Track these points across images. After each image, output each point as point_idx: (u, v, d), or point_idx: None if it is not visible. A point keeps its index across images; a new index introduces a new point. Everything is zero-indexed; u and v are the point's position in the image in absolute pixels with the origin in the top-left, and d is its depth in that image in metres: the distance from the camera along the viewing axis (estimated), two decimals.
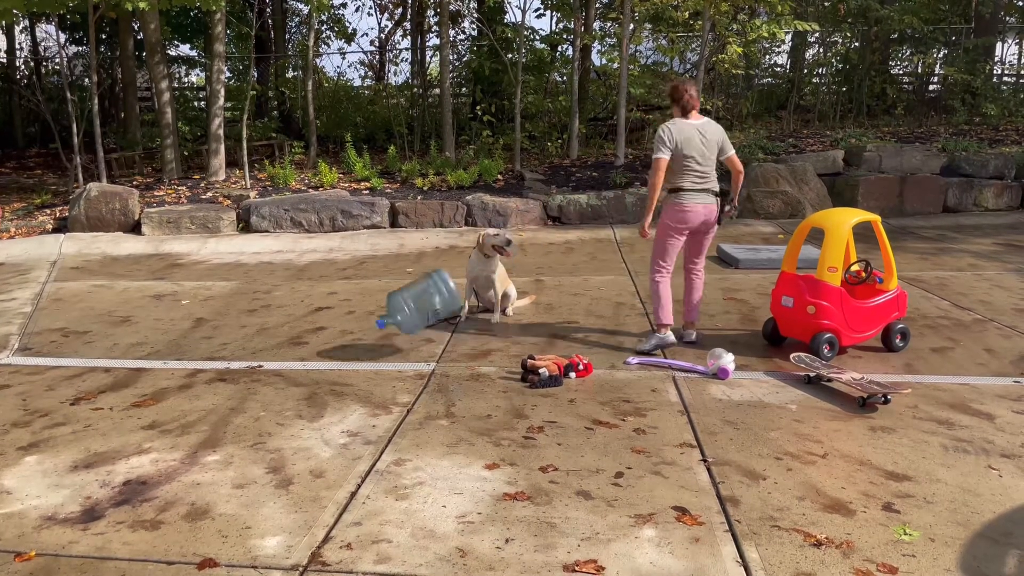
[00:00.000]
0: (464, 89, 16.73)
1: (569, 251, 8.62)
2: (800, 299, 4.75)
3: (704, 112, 5.07)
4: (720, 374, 4.34)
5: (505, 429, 3.72)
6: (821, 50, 16.55)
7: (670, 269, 5.05)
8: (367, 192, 11.00)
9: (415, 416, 3.92)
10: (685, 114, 4.88)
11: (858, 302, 4.80)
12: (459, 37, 17.00)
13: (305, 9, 17.06)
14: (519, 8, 25.87)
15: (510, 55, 13.62)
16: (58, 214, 10.58)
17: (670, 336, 5.00)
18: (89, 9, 10.69)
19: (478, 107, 14.24)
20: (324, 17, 17.28)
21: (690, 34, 13.99)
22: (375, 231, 10.03)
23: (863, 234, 5.68)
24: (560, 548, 2.67)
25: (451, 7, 14.08)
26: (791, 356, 4.53)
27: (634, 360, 4.58)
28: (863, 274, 5.02)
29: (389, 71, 18.54)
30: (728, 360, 4.36)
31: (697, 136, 4.83)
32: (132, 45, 13.97)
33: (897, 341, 4.90)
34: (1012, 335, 5.16)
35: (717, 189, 4.93)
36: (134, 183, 11.76)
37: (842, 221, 4.82)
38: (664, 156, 4.78)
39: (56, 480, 3.27)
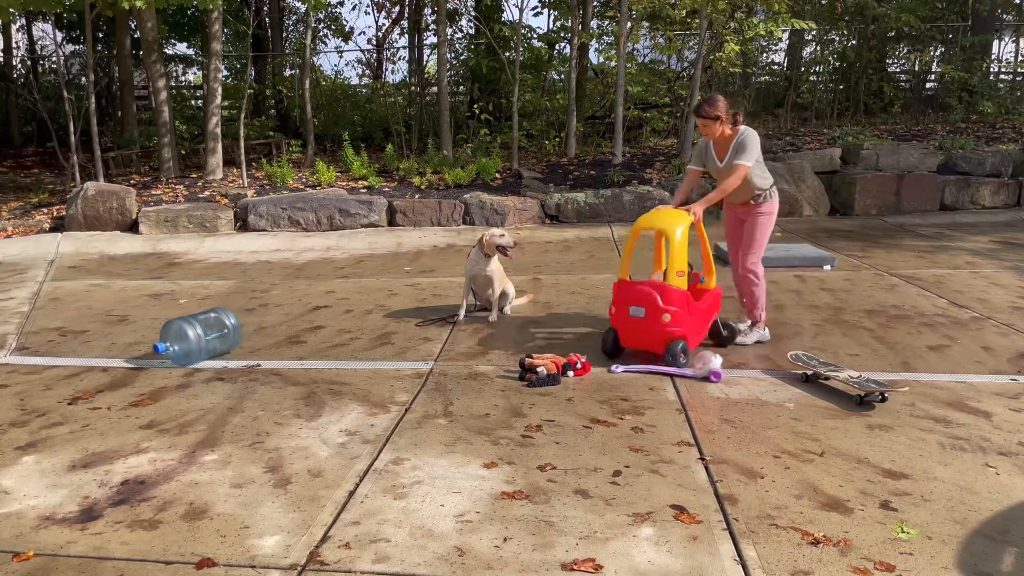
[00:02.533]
0: (462, 87, 16.74)
1: (567, 249, 8.62)
2: (653, 307, 4.51)
3: None
4: (712, 377, 4.33)
5: (503, 428, 3.73)
6: (818, 48, 16.56)
7: None
8: (365, 191, 11.00)
9: (413, 415, 3.92)
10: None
11: (697, 305, 4.74)
12: (456, 35, 17.02)
13: (302, 7, 17.03)
14: (516, 6, 25.88)
15: (508, 53, 13.62)
16: (55, 213, 10.56)
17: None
18: (86, 8, 10.68)
19: (476, 105, 14.24)
20: (321, 15, 17.28)
21: (687, 32, 13.99)
22: (373, 230, 10.02)
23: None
24: (558, 547, 2.67)
25: (448, 5, 14.07)
26: (789, 354, 4.54)
27: (619, 368, 4.52)
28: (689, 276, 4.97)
29: (386, 69, 18.59)
30: (718, 363, 4.35)
31: None
32: (129, 44, 13.95)
33: (725, 333, 5.00)
34: (1009, 333, 5.17)
35: None
36: (131, 182, 11.75)
37: (678, 224, 4.65)
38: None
39: (54, 480, 3.27)
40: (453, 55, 16.43)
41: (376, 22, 30.52)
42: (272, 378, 4.55)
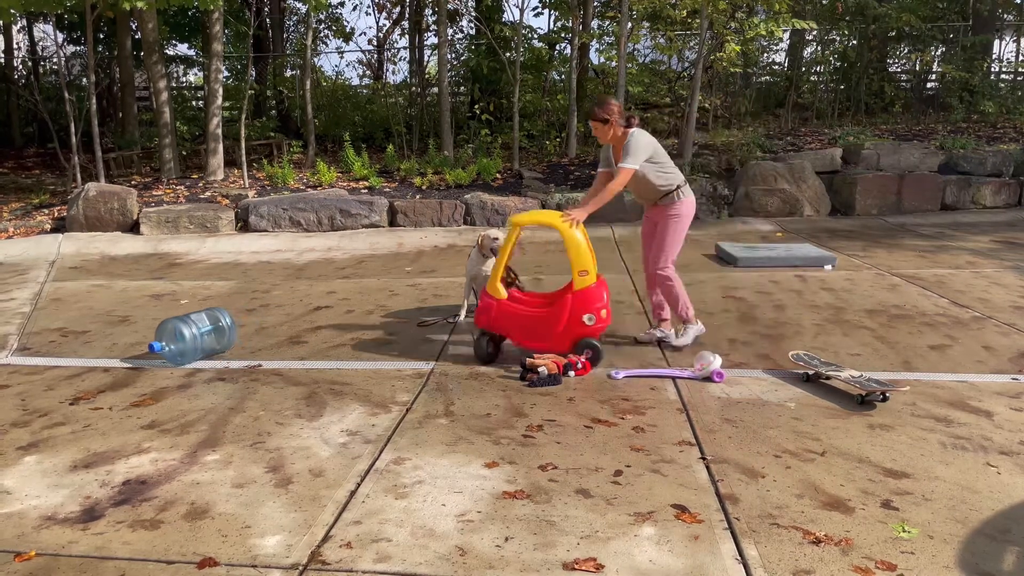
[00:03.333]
0: (462, 88, 16.74)
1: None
2: (569, 309, 4.51)
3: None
4: (715, 377, 4.32)
5: (504, 428, 3.73)
6: (819, 48, 16.56)
7: None
8: (365, 191, 11.00)
9: (414, 415, 3.92)
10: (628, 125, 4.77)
11: (520, 307, 4.72)
12: (457, 36, 17.02)
13: (303, 8, 17.04)
14: (517, 7, 25.87)
15: (508, 54, 13.62)
16: (56, 214, 10.57)
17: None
18: (87, 8, 10.68)
19: (476, 106, 14.24)
20: (322, 16, 17.28)
21: (688, 32, 13.99)
22: (374, 230, 10.03)
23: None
24: (560, 546, 2.67)
25: (449, 6, 14.08)
26: (790, 354, 4.54)
27: (620, 374, 4.49)
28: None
29: (387, 70, 18.59)
30: (718, 363, 4.35)
31: None
32: (130, 45, 13.96)
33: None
34: (1010, 332, 5.17)
35: None
36: (132, 183, 11.76)
37: (551, 220, 4.61)
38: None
39: (56, 480, 3.27)
40: (454, 55, 16.44)
41: (377, 23, 30.54)
42: (273, 378, 4.55)
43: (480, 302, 4.75)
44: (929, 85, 16.54)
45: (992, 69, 16.19)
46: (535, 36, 16.08)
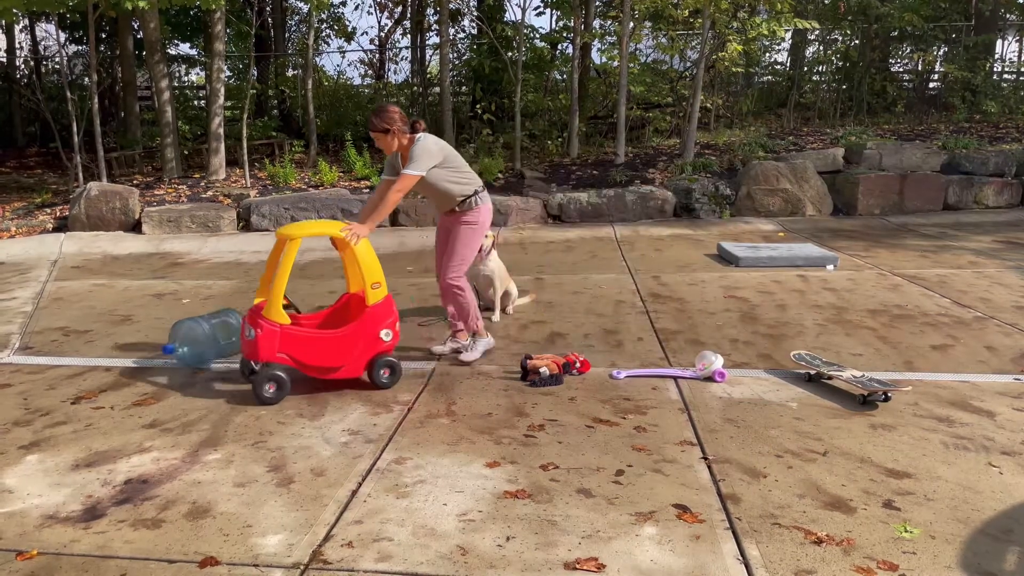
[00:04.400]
0: (464, 88, 16.73)
1: (569, 249, 8.62)
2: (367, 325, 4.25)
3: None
4: (717, 377, 4.32)
5: (506, 427, 3.73)
6: (821, 48, 16.54)
7: None
8: (367, 191, 11.00)
9: (416, 414, 3.92)
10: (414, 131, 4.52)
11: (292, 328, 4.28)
12: (459, 35, 17.01)
13: (305, 8, 17.05)
14: (519, 6, 25.88)
15: (510, 53, 13.62)
16: (58, 213, 10.58)
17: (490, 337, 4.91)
18: (89, 8, 10.69)
19: (478, 105, 14.24)
20: (324, 16, 17.29)
21: (690, 32, 13.98)
22: (375, 230, 10.03)
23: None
24: (561, 546, 2.67)
25: (451, 5, 14.08)
26: (792, 354, 4.53)
27: (621, 374, 4.49)
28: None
29: (389, 70, 18.56)
30: (719, 363, 4.34)
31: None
32: (132, 44, 13.97)
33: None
34: (1012, 332, 5.16)
35: None
36: (134, 182, 11.77)
37: (340, 232, 4.27)
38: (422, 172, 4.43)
39: (57, 479, 3.27)
40: (455, 55, 16.43)
41: (378, 22, 30.54)
42: None
43: (258, 331, 4.08)
44: (931, 85, 16.51)
45: (994, 69, 16.16)
46: (537, 36, 16.08)
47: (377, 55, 18.69)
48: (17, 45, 18.37)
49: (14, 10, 10.37)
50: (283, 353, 4.12)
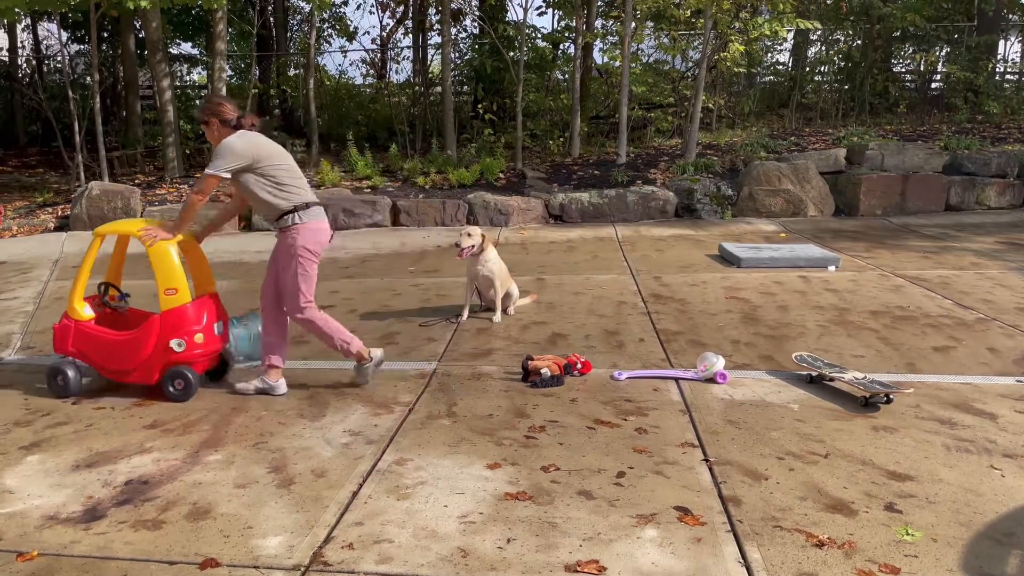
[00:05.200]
0: (466, 87, 16.73)
1: (571, 249, 8.61)
2: (158, 333, 4.09)
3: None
4: (719, 378, 4.31)
5: (507, 428, 3.72)
6: (823, 48, 16.53)
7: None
8: (369, 191, 11.00)
9: (417, 415, 3.92)
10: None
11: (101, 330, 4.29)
12: (461, 35, 17.00)
13: (306, 7, 17.04)
14: (521, 6, 25.86)
15: (512, 53, 13.61)
16: (60, 213, 10.59)
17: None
18: (91, 7, 10.70)
19: (480, 105, 14.24)
20: (325, 15, 17.28)
21: (692, 32, 13.96)
22: (377, 230, 10.03)
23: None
24: (562, 548, 2.67)
25: (453, 5, 14.07)
26: (793, 356, 4.53)
27: (623, 375, 4.48)
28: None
29: (391, 69, 18.55)
30: (721, 364, 4.34)
31: (277, 144, 4.19)
32: (134, 43, 13.98)
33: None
34: (1015, 334, 5.15)
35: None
36: (136, 182, 11.77)
37: (138, 232, 4.17)
38: (225, 174, 3.97)
39: (58, 479, 3.27)
40: (457, 55, 16.43)
41: (380, 22, 30.52)
42: None
43: (57, 325, 4.19)
44: (933, 85, 16.48)
45: (997, 69, 16.13)
46: (539, 36, 16.09)
47: (379, 55, 18.68)
48: (19, 44, 18.39)
49: (16, 9, 10.37)
50: (74, 348, 4.17)
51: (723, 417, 3.83)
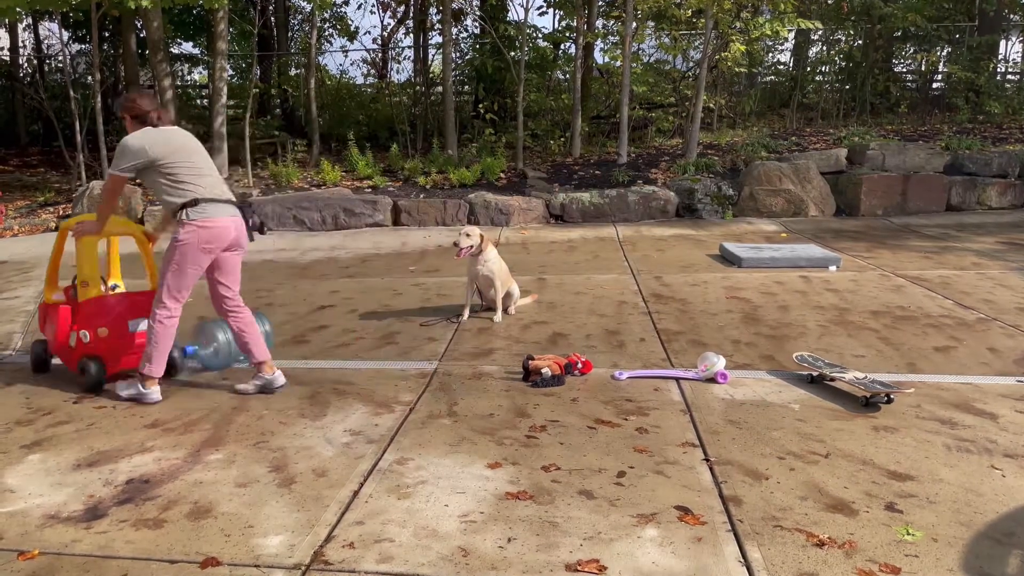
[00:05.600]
0: (467, 87, 16.73)
1: (572, 249, 8.61)
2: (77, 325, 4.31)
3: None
4: (719, 378, 4.31)
5: (507, 428, 3.72)
6: (824, 48, 16.53)
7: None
8: (369, 190, 11.01)
9: (417, 415, 3.92)
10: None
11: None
12: (462, 35, 17.01)
13: (307, 7, 17.04)
14: (522, 6, 25.86)
15: (513, 53, 13.61)
16: (61, 212, 10.60)
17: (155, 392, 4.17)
18: (92, 7, 10.70)
19: (481, 105, 14.25)
20: (326, 15, 17.28)
21: (693, 32, 13.97)
22: (377, 229, 10.03)
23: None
24: (562, 547, 2.67)
25: (454, 5, 14.07)
26: (794, 355, 4.53)
27: (623, 375, 4.49)
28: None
29: (391, 69, 18.56)
30: (722, 364, 4.33)
31: (189, 140, 4.14)
32: (135, 43, 13.98)
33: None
34: (1016, 334, 5.15)
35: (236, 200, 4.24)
36: (136, 181, 11.77)
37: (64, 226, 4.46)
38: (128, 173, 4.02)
39: (59, 478, 3.27)
40: (458, 55, 16.43)
41: (381, 21, 30.52)
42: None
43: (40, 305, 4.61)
44: (935, 85, 16.48)
45: (998, 70, 16.13)
46: (540, 35, 16.09)
47: (380, 54, 18.69)
48: (20, 44, 18.40)
49: (17, 9, 10.38)
50: (41, 328, 4.66)
51: (724, 417, 3.83)
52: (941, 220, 9.92)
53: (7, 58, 18.28)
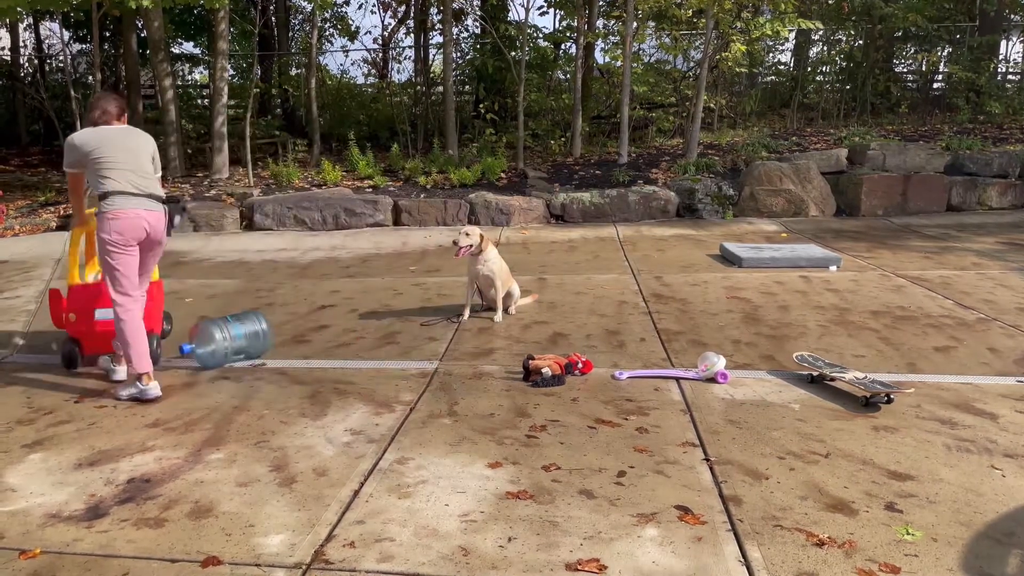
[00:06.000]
0: (467, 87, 16.74)
1: (572, 249, 8.62)
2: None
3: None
4: (719, 378, 4.31)
5: (508, 428, 3.73)
6: (825, 48, 16.53)
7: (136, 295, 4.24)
8: (370, 190, 11.01)
9: (418, 414, 3.93)
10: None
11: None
12: (462, 35, 17.01)
13: (308, 7, 17.05)
14: (522, 6, 25.85)
15: (513, 53, 13.62)
16: (62, 212, 10.60)
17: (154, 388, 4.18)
18: (93, 7, 10.71)
19: (481, 105, 14.26)
20: (327, 15, 17.29)
21: (693, 32, 13.97)
22: (378, 229, 10.04)
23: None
24: (563, 547, 2.67)
25: (454, 5, 14.07)
26: (794, 355, 4.53)
27: (623, 375, 4.49)
28: None
29: (392, 69, 18.57)
30: (722, 364, 4.34)
31: (118, 136, 4.26)
32: (135, 43, 13.98)
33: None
34: (1016, 334, 5.16)
35: (163, 196, 4.33)
36: None
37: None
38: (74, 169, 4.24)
39: (60, 478, 3.28)
40: (459, 55, 16.44)
41: (382, 21, 30.53)
42: (277, 377, 4.56)
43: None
44: (935, 85, 16.48)
45: (999, 70, 16.13)
46: (540, 35, 16.09)
47: (380, 54, 18.70)
48: (21, 43, 18.40)
49: (18, 8, 10.39)
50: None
51: (724, 417, 3.83)
52: (941, 220, 9.92)
53: (8, 58, 18.29)
